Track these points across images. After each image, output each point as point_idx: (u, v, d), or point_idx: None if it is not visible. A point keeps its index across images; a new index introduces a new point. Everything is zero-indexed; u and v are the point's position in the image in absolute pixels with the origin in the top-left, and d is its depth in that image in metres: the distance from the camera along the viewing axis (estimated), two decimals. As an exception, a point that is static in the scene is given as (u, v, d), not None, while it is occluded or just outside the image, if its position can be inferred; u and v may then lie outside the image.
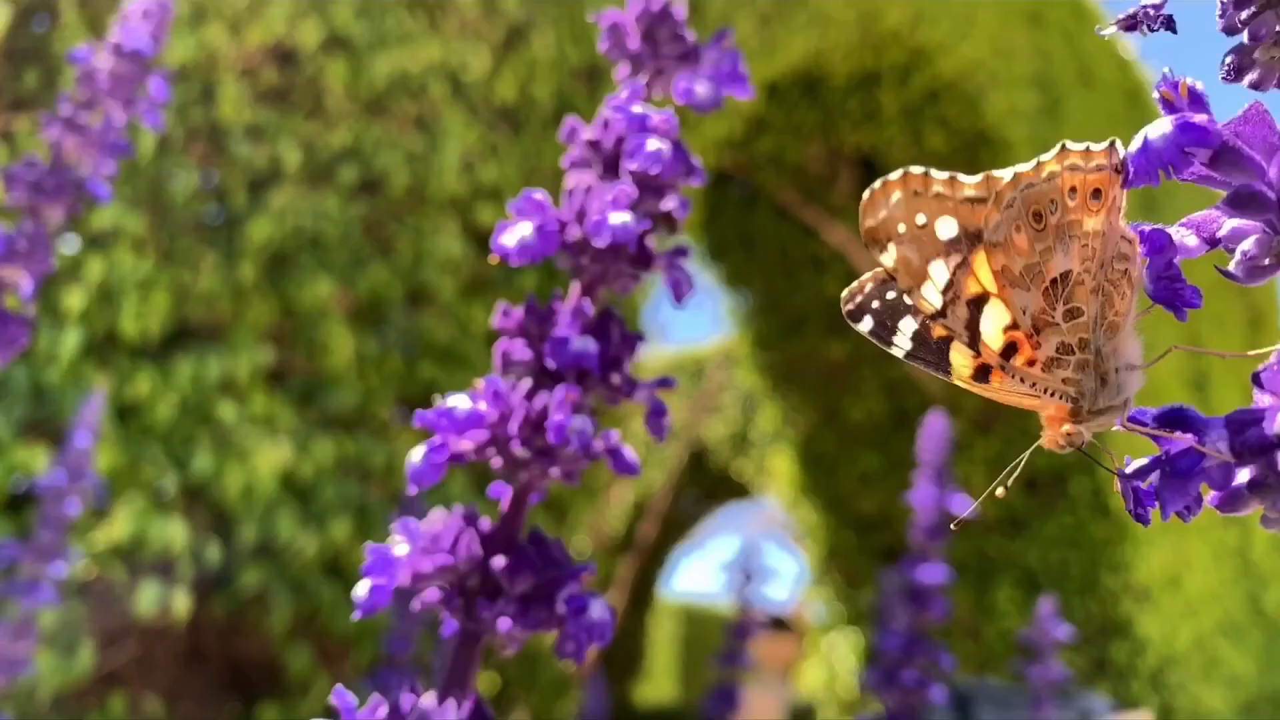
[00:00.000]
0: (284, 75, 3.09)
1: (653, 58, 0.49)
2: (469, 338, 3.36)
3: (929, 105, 5.27)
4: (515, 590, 0.44)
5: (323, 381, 3.03)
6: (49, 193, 0.78)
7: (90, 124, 0.81)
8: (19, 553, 1.49)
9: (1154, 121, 0.28)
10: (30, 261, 0.76)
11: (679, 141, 0.47)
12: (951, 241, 0.47)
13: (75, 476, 1.54)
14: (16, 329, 0.74)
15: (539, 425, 0.44)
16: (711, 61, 0.51)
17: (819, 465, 6.74)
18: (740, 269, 6.58)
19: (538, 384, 0.46)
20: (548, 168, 3.67)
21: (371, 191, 3.26)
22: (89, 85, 0.81)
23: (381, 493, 3.09)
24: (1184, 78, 0.28)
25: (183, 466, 2.68)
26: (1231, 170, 0.27)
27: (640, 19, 0.49)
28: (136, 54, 0.82)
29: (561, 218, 0.47)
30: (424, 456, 0.44)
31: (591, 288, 0.48)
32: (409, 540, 0.46)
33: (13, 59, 2.67)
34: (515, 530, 0.46)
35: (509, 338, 0.47)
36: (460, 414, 0.44)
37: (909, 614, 1.41)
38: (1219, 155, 0.27)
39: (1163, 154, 0.27)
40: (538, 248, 0.44)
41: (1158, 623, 6.01)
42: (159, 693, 2.85)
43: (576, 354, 0.44)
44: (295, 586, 2.83)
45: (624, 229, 0.43)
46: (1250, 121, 0.28)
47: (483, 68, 3.45)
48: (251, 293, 2.90)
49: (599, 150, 0.48)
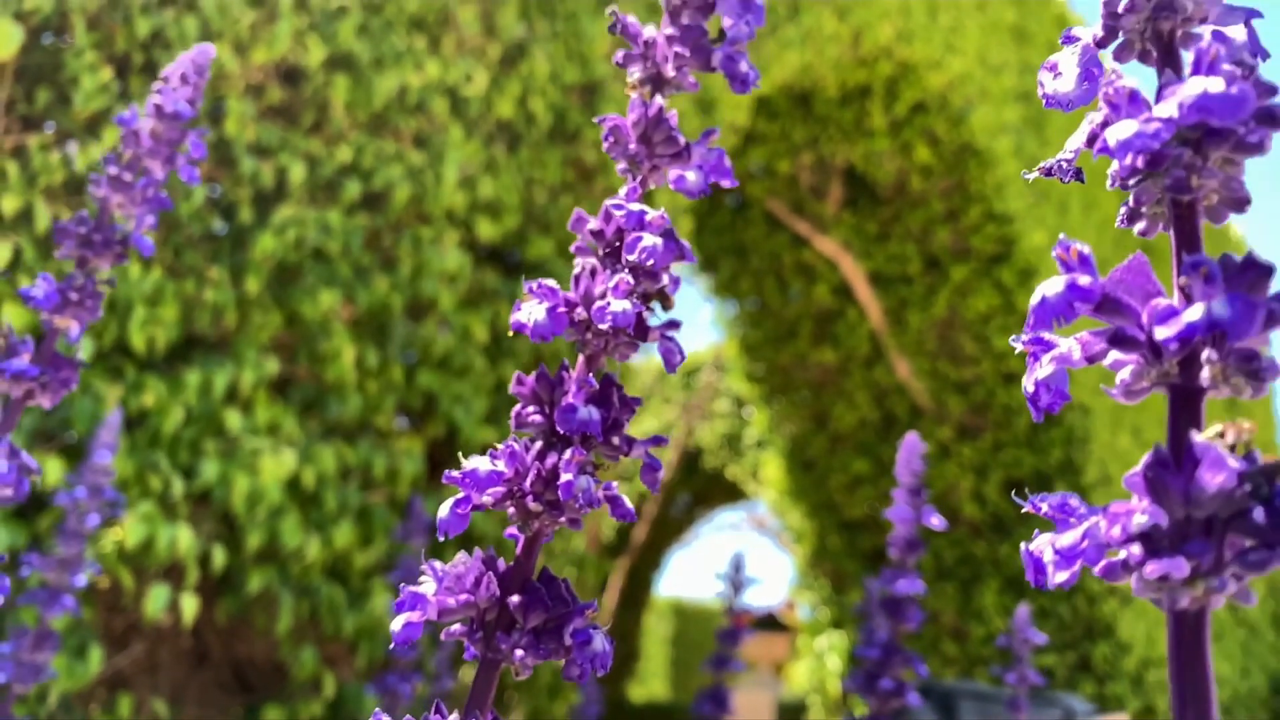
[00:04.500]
0: (288, 93, 3.17)
1: (649, 157, 0.58)
2: (468, 347, 3.44)
3: (917, 118, 5.36)
4: (529, 624, 0.52)
5: (326, 391, 3.10)
6: (97, 247, 0.86)
7: (134, 181, 0.89)
8: (41, 564, 1.57)
9: (1050, 280, 0.36)
10: (80, 311, 0.83)
11: (670, 232, 0.55)
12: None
13: (95, 492, 1.62)
14: (68, 371, 0.81)
15: (550, 482, 0.52)
16: (700, 156, 0.59)
17: (809, 470, 6.83)
18: (732, 278, 6.67)
19: (548, 445, 0.54)
20: (545, 181, 3.75)
21: (373, 206, 3.34)
22: (133, 145, 0.89)
23: (383, 498, 3.17)
24: (1075, 244, 0.36)
25: (190, 474, 2.75)
26: (1112, 315, 0.35)
27: (638, 124, 0.58)
28: (176, 116, 0.90)
29: (570, 299, 0.56)
30: (451, 509, 0.52)
31: (595, 358, 0.56)
32: (436, 580, 0.54)
33: (24, 77, 2.74)
34: (529, 571, 0.54)
35: (523, 403, 0.55)
36: (482, 474, 0.52)
37: (887, 623, 1.49)
38: (1100, 306, 0.35)
39: (1056, 308, 0.35)
40: (549, 328, 0.53)
41: (1140, 625, 6.11)
42: (164, 694, 2.92)
43: (582, 421, 0.52)
44: (299, 590, 2.91)
45: (623, 315, 0.52)
46: (1132, 270, 0.36)
47: (482, 85, 3.53)
48: (256, 304, 2.97)
49: (602, 239, 0.56)
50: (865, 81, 5.19)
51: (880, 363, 6.31)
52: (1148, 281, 0.36)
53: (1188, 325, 0.31)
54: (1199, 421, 0.33)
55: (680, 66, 0.59)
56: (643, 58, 0.59)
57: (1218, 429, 0.32)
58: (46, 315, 0.82)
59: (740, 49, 0.59)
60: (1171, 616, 0.32)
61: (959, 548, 6.11)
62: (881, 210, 5.96)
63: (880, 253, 5.96)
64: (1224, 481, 0.30)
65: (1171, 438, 0.33)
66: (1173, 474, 0.31)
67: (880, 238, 5.99)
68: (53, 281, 0.83)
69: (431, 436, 3.44)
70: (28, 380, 0.79)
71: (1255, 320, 0.31)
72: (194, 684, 3.03)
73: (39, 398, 0.81)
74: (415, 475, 3.22)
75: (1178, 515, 0.31)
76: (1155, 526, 0.31)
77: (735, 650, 2.00)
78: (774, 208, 6.10)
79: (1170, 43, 0.38)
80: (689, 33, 0.59)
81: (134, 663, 2.90)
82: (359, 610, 3.00)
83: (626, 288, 0.53)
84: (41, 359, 0.81)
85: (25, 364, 0.79)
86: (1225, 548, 0.31)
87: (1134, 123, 0.34)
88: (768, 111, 5.40)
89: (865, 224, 5.98)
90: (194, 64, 0.91)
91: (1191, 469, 0.31)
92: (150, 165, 0.89)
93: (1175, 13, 0.37)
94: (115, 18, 2.80)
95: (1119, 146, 0.34)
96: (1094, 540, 0.33)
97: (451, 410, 3.36)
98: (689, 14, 0.60)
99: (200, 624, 2.97)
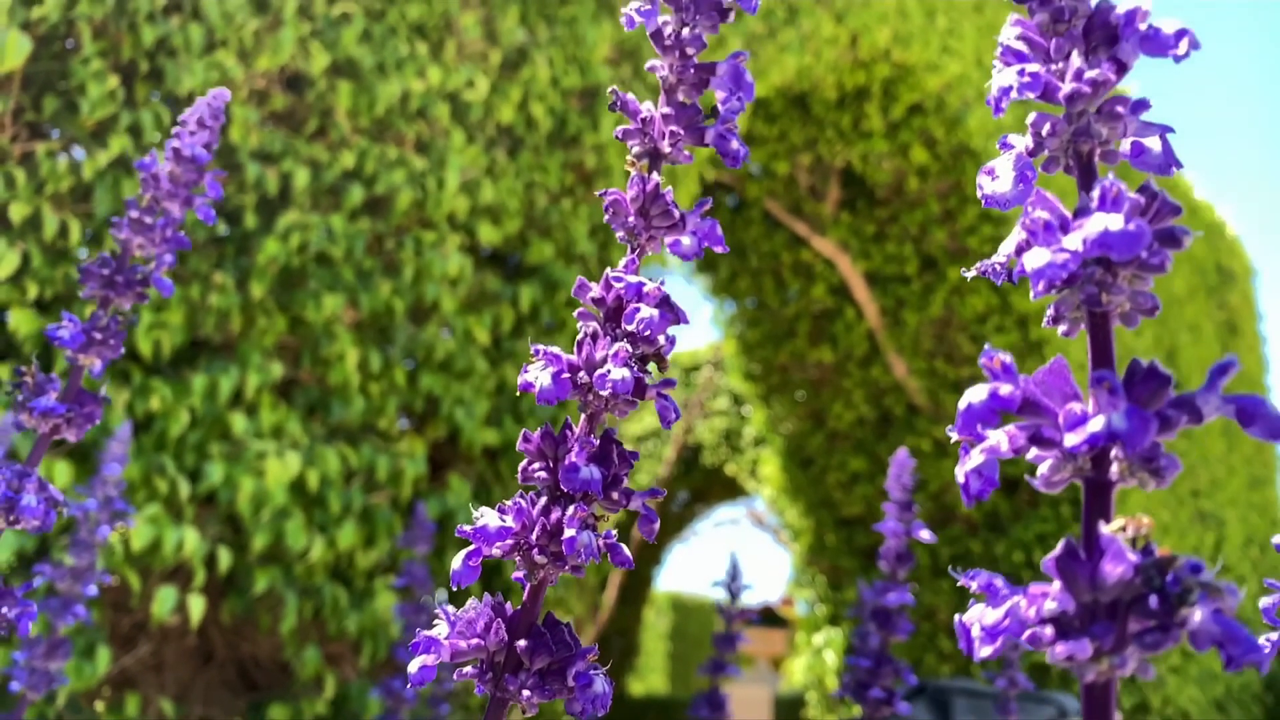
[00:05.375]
0: (292, 99, 3.20)
1: (646, 229, 0.62)
2: (470, 349, 3.48)
3: (915, 120, 5.39)
4: (534, 667, 0.56)
5: (329, 394, 3.14)
6: (119, 287, 0.90)
7: (153, 223, 0.93)
8: (53, 574, 1.61)
9: (975, 387, 0.40)
10: (104, 349, 0.87)
11: (666, 299, 0.59)
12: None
13: (106, 504, 1.67)
14: (93, 406, 0.85)
15: (554, 535, 0.56)
16: (694, 224, 0.64)
17: (806, 467, 6.88)
18: (730, 278, 6.70)
19: (552, 500, 0.58)
20: (545, 185, 3.79)
21: (376, 210, 3.38)
22: (152, 188, 0.93)
23: (385, 500, 3.21)
24: (998, 354, 0.41)
25: (196, 476, 2.79)
26: (1032, 417, 0.40)
27: (636, 199, 0.62)
28: (194, 160, 0.94)
29: (573, 363, 0.60)
30: (463, 561, 0.57)
31: (596, 416, 0.61)
32: (449, 624, 0.58)
33: (32, 85, 2.77)
34: (534, 615, 0.58)
35: (529, 459, 0.59)
36: (492, 530, 0.56)
37: (878, 634, 1.54)
38: (1021, 409, 0.39)
39: (980, 414, 0.39)
40: (553, 393, 0.57)
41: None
42: (170, 693, 2.97)
43: (584, 481, 0.56)
44: (303, 590, 2.95)
45: (623, 382, 0.56)
46: (1054, 372, 0.40)
47: (483, 90, 3.57)
48: (261, 309, 3.01)
49: (603, 305, 0.61)
50: (863, 84, 5.22)
51: (877, 362, 6.35)
52: (1065, 384, 0.40)
53: (1090, 435, 0.36)
54: (1108, 513, 0.37)
55: (676, 143, 0.63)
56: (641, 133, 0.64)
57: (1120, 523, 0.36)
58: (72, 354, 0.86)
59: (731, 127, 0.63)
60: (1082, 686, 0.36)
61: (955, 545, 6.16)
62: (879, 211, 5.99)
63: (878, 253, 6.00)
64: (1123, 572, 0.35)
65: (1085, 527, 0.38)
66: (1081, 564, 0.36)
67: (877, 238, 6.03)
68: (78, 323, 0.87)
69: (433, 438, 3.48)
70: (55, 417, 0.83)
71: (1149, 432, 0.35)
72: (199, 683, 3.08)
73: (65, 432, 0.85)
74: (417, 477, 3.26)
75: (1085, 599, 0.36)
76: (1064, 612, 0.36)
77: (732, 654, 2.05)
78: (772, 208, 6.13)
79: (1089, 163, 0.42)
80: (684, 112, 0.63)
81: (140, 662, 2.95)
82: (362, 610, 3.04)
83: (625, 355, 0.57)
84: (67, 395, 0.85)
85: (53, 402, 0.83)
86: (1127, 629, 0.35)
87: (1047, 252, 0.38)
88: (766, 114, 5.43)
89: (863, 224, 6.01)
90: (209, 108, 0.95)
91: (1098, 559, 0.35)
92: (169, 207, 0.93)
93: (1091, 138, 0.41)
94: (121, 26, 2.83)
95: (1033, 274, 0.39)
96: (1015, 618, 0.37)
97: (453, 412, 3.40)
98: (684, 91, 0.64)
99: (206, 623, 3.02)
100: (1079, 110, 0.41)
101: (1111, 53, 0.41)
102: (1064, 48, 0.43)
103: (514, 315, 3.65)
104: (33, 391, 0.82)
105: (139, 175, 0.91)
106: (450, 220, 3.54)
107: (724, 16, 0.64)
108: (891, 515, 1.57)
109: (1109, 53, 0.41)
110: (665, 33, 0.63)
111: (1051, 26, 0.43)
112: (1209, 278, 8.24)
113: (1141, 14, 0.41)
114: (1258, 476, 8.71)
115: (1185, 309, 7.52)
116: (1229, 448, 8.12)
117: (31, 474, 0.81)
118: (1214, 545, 7.48)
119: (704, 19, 0.63)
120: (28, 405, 0.81)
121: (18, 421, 0.82)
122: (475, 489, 3.52)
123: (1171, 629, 0.36)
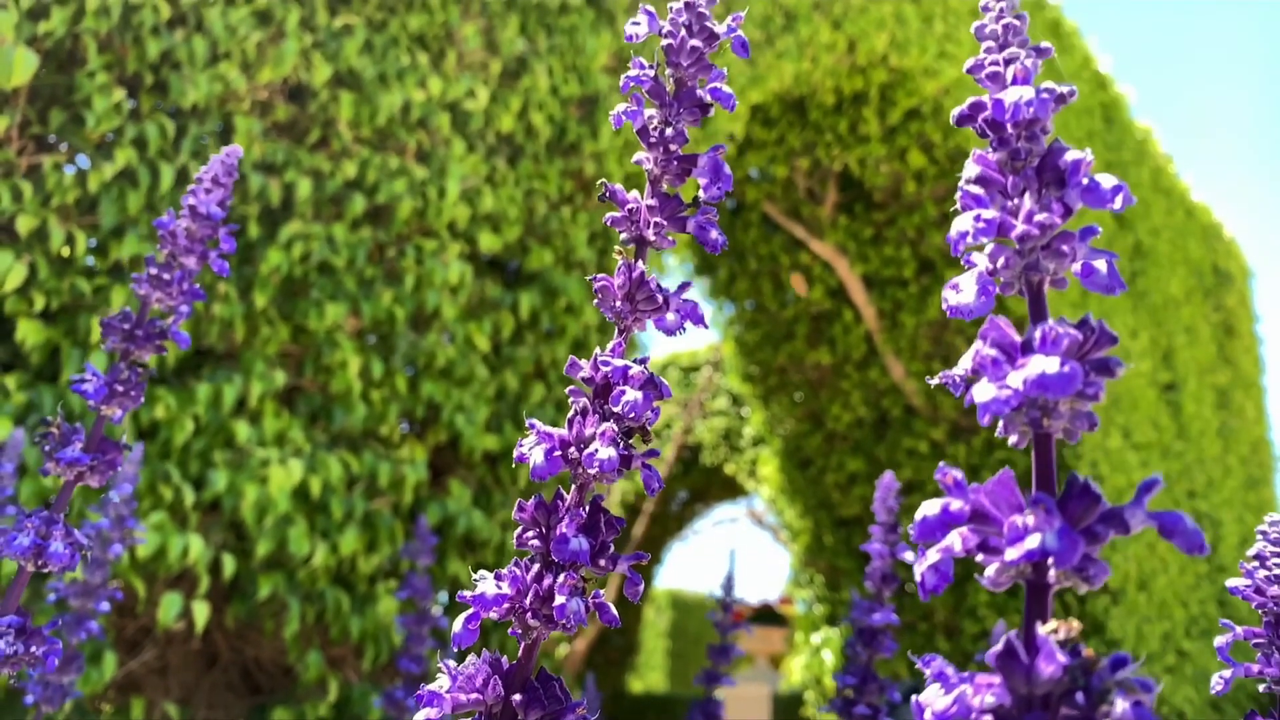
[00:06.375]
0: (294, 110, 3.24)
1: (632, 313, 0.67)
2: (470, 356, 3.53)
3: (912, 124, 5.43)
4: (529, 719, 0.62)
5: (332, 401, 3.19)
6: (139, 340, 0.95)
7: (171, 279, 0.98)
8: (66, 591, 1.67)
9: (929, 502, 0.46)
10: (125, 400, 0.92)
11: (650, 380, 0.64)
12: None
13: (118, 523, 1.72)
14: (114, 454, 0.90)
15: (546, 600, 0.61)
16: (677, 306, 0.69)
17: (805, 468, 6.93)
18: (729, 280, 6.75)
19: (545, 566, 0.63)
20: (545, 193, 3.83)
21: (377, 220, 3.42)
22: (170, 244, 0.97)
23: (387, 505, 3.27)
24: (951, 471, 0.46)
25: (200, 484, 2.84)
26: (980, 525, 0.45)
27: (623, 286, 0.67)
28: (209, 217, 0.99)
29: (564, 439, 0.65)
30: (463, 624, 0.62)
31: (585, 487, 0.66)
32: (450, 678, 0.63)
33: (38, 99, 2.82)
34: (529, 671, 0.63)
35: (523, 528, 0.64)
36: (489, 596, 0.61)
37: (864, 652, 1.59)
38: (970, 519, 0.44)
39: (934, 527, 0.44)
40: (545, 470, 0.62)
41: (1130, 622, 6.23)
42: (175, 696, 3.02)
43: (574, 552, 0.61)
44: (306, 595, 3.01)
45: (609, 461, 0.61)
46: (1001, 484, 0.45)
47: (483, 100, 3.61)
48: (264, 318, 3.06)
49: (593, 384, 0.66)
50: (860, 89, 5.25)
51: (875, 364, 6.40)
52: (1012, 495, 0.45)
53: (1026, 552, 0.41)
54: (1046, 613, 0.42)
55: (659, 232, 0.68)
56: (629, 220, 0.69)
57: (1053, 626, 0.41)
58: (94, 405, 0.91)
59: (711, 218, 0.68)
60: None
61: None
62: (876, 214, 6.04)
63: (875, 256, 6.04)
64: (1054, 671, 0.40)
65: (1025, 623, 0.43)
66: (1018, 663, 0.41)
67: (875, 241, 6.07)
68: (101, 376, 0.92)
69: (434, 444, 3.53)
70: (80, 466, 0.88)
71: (1077, 549, 0.40)
72: (204, 686, 3.14)
73: (88, 479, 0.90)
74: (418, 482, 3.32)
75: (1022, 692, 0.41)
76: (1001, 705, 0.41)
77: (726, 665, 2.10)
78: (771, 211, 6.18)
79: (1038, 292, 0.47)
80: (667, 203, 0.68)
81: (145, 666, 3.00)
82: (364, 615, 3.10)
83: (612, 435, 0.62)
84: (91, 445, 0.90)
85: (78, 452, 0.88)
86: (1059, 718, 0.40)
87: (993, 387, 0.43)
88: (764, 119, 5.47)
89: (860, 228, 6.06)
90: (224, 166, 0.99)
91: (1034, 657, 0.41)
92: (185, 261, 0.98)
93: (1040, 271, 0.46)
94: (126, 39, 2.88)
95: (981, 406, 0.44)
96: (963, 705, 0.42)
97: (454, 418, 3.45)
98: (668, 181, 0.69)
99: (210, 628, 3.07)
100: (1029, 248, 0.46)
101: (1060, 195, 0.46)
102: (1019, 185, 0.48)
103: (514, 322, 3.70)
104: (59, 442, 0.87)
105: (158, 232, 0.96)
106: (451, 228, 3.59)
107: (705, 112, 0.69)
108: (877, 537, 1.62)
109: (1059, 193, 0.46)
110: (650, 128, 0.68)
111: (1009, 164, 0.48)
112: (1206, 279, 8.28)
113: (1085, 166, 0.46)
114: (1254, 477, 8.76)
115: (1182, 310, 7.57)
116: (1225, 449, 8.17)
117: (58, 520, 0.86)
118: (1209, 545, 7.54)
119: (686, 114, 0.68)
120: (55, 455, 0.86)
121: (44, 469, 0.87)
122: (476, 494, 3.57)
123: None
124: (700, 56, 0.68)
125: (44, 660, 0.86)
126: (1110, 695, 0.40)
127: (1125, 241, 7.04)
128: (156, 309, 0.97)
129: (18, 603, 0.85)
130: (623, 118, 0.67)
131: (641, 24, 0.68)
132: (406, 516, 3.37)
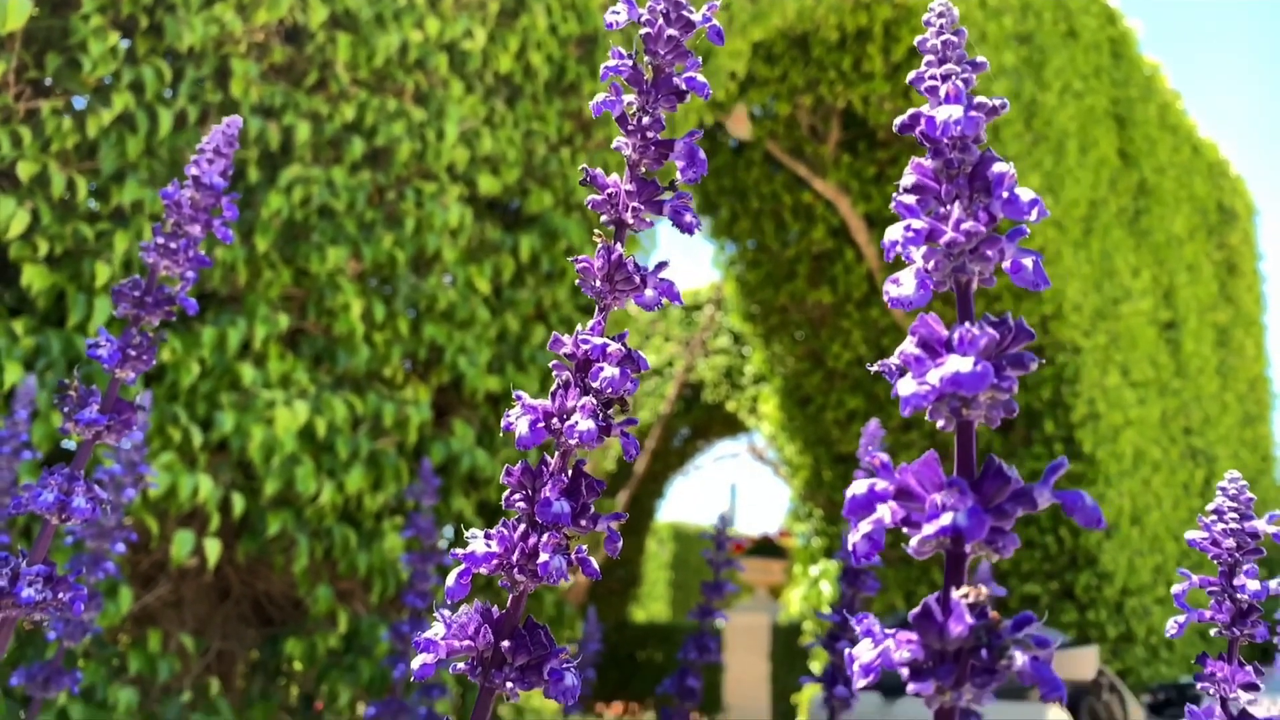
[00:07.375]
0: (291, 52, 3.23)
1: (611, 292, 0.71)
2: (471, 298, 3.57)
3: (916, 61, 5.37)
4: (516, 663, 0.68)
5: (335, 343, 3.25)
6: (149, 307, 0.99)
7: (177, 247, 1.02)
8: (84, 533, 1.74)
9: (857, 481, 0.51)
10: (137, 363, 0.97)
11: (628, 356, 0.69)
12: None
13: (130, 468, 1.78)
14: (129, 414, 0.96)
15: (532, 557, 0.67)
16: (654, 284, 0.73)
17: (805, 406, 7.01)
18: (731, 219, 6.74)
19: (530, 527, 0.69)
20: (544, 134, 3.83)
21: (377, 162, 3.43)
22: (175, 214, 1.01)
23: (391, 445, 3.34)
24: (878, 455, 0.51)
25: (208, 425, 2.91)
26: (906, 502, 0.50)
27: (603, 268, 0.71)
28: (212, 186, 1.03)
29: (548, 411, 0.70)
30: (456, 579, 0.67)
31: (568, 453, 0.71)
32: (445, 626, 0.69)
33: (33, 43, 2.81)
34: (516, 621, 0.69)
35: (511, 490, 0.70)
36: (480, 554, 0.67)
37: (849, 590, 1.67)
38: (897, 496, 0.50)
39: (862, 504, 0.49)
40: (530, 440, 0.67)
41: (1122, 556, 6.36)
42: (189, 628, 3.14)
43: (556, 514, 0.67)
44: (314, 532, 3.10)
45: (588, 432, 0.66)
46: (927, 464, 0.50)
47: (481, 40, 3.59)
48: (266, 261, 3.10)
49: (574, 358, 0.71)
50: (864, 25, 5.19)
51: (876, 303, 6.43)
52: (935, 475, 0.50)
53: (940, 529, 0.46)
54: (961, 579, 0.48)
55: (637, 215, 0.72)
56: (609, 203, 0.73)
57: (964, 591, 0.47)
58: (109, 369, 0.96)
59: (685, 202, 0.72)
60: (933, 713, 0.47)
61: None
62: (879, 153, 6.01)
63: (878, 194, 6.03)
64: (962, 631, 0.45)
65: (944, 588, 0.48)
66: (933, 621, 0.47)
67: (878, 180, 6.05)
68: (114, 340, 0.96)
69: (437, 385, 3.60)
70: (98, 426, 0.94)
71: (984, 527, 0.46)
72: (217, 618, 3.25)
73: (106, 438, 0.96)
74: (422, 422, 3.39)
75: (935, 648, 0.47)
76: (916, 659, 0.47)
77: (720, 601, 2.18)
78: (773, 149, 6.14)
79: (965, 291, 0.51)
80: (644, 188, 0.72)
81: (160, 600, 3.11)
82: (371, 550, 3.20)
83: (591, 408, 0.67)
84: (107, 406, 0.95)
85: (95, 414, 0.93)
86: (965, 672, 0.46)
87: (914, 383, 0.48)
88: (767, 55, 5.41)
89: (863, 166, 6.03)
90: (224, 136, 1.03)
91: (947, 618, 0.46)
92: (190, 230, 1.02)
93: (967, 273, 0.51)
94: (121, -19, 2.86)
95: (903, 400, 0.49)
96: (886, 657, 0.48)
97: (456, 360, 3.51)
98: (646, 165, 0.73)
99: (222, 563, 3.17)
100: (957, 253, 0.51)
101: (987, 204, 0.50)
102: (952, 192, 0.52)
103: (514, 264, 3.73)
104: (77, 404, 0.92)
105: (163, 202, 1.00)
106: (450, 171, 3.60)
107: (681, 98, 0.73)
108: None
109: (986, 202, 0.50)
110: (629, 115, 0.72)
111: (944, 171, 0.52)
112: (1210, 217, 8.24)
113: (1009, 180, 0.50)
114: (1251, 414, 8.84)
115: (1184, 248, 7.56)
116: (1223, 386, 8.23)
117: (79, 477, 0.92)
118: (1203, 481, 7.65)
119: (664, 101, 0.72)
120: (73, 416, 0.92)
121: (63, 428, 0.93)
122: (479, 433, 3.65)
123: (997, 672, 0.47)
124: (677, 44, 0.72)
125: (70, 605, 0.92)
126: (1009, 651, 0.46)
127: (1130, 179, 7.00)
128: (165, 275, 1.01)
129: (45, 552, 0.91)
130: (602, 107, 0.71)
131: (621, 13, 0.71)
132: (411, 455, 3.44)
